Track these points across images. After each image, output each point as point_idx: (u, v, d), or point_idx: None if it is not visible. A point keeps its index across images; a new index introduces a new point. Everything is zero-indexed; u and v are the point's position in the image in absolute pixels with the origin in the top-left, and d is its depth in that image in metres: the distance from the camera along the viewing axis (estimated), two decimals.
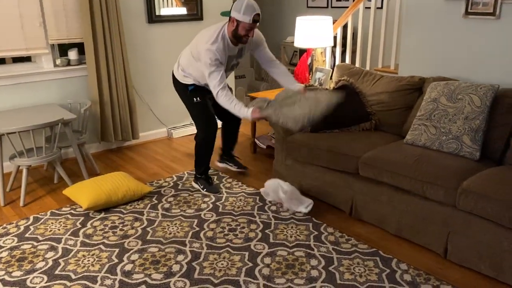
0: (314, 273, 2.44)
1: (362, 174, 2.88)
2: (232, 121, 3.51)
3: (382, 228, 2.87)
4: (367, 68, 4.46)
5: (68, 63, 4.05)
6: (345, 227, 2.91)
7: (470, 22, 3.18)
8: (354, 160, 2.90)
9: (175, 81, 3.35)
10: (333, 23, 4.20)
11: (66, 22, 3.92)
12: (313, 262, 2.53)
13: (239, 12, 2.84)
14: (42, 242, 2.76)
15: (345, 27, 4.65)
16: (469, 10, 3.16)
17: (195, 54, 3.07)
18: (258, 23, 2.91)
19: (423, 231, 2.64)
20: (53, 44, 3.95)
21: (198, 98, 3.22)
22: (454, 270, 2.46)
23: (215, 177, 3.69)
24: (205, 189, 3.40)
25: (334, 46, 4.52)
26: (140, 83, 4.50)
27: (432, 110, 2.87)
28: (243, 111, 2.90)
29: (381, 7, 4.42)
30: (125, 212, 3.13)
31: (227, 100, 2.92)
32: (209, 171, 3.54)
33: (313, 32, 3.92)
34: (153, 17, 4.41)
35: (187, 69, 3.20)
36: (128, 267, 2.51)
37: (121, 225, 2.96)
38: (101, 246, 2.72)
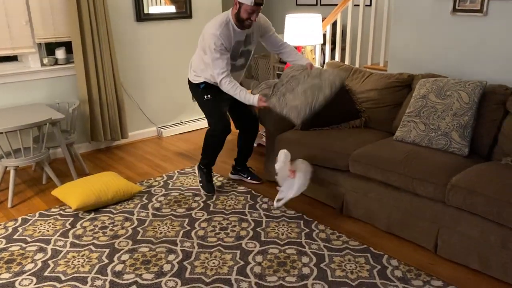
0: (306, 270, 2.44)
1: (352, 171, 2.89)
2: (249, 131, 3.44)
3: (373, 224, 2.88)
4: (357, 65, 4.48)
5: (56, 62, 4.00)
6: (336, 224, 2.92)
7: (458, 19, 3.20)
8: (344, 158, 2.91)
9: (190, 84, 3.33)
10: (322, 20, 4.21)
11: (53, 20, 3.87)
12: (305, 259, 2.54)
13: None
14: (30, 244, 2.73)
15: (334, 25, 4.66)
16: (457, 7, 3.18)
17: (203, 45, 3.03)
18: (261, 6, 2.85)
19: (414, 227, 2.66)
20: (40, 43, 3.90)
21: (209, 96, 3.17)
22: (444, 265, 2.48)
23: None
24: (200, 183, 3.39)
25: (324, 43, 4.52)
26: (129, 82, 4.46)
27: (421, 107, 2.89)
28: (248, 97, 2.93)
29: (370, 5, 4.44)
30: (115, 212, 3.11)
31: (231, 87, 2.93)
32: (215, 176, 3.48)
33: (303, 30, 3.92)
34: (141, 16, 4.37)
35: (198, 68, 3.18)
36: (119, 267, 2.49)
37: (111, 225, 2.93)
38: (91, 246, 2.69)
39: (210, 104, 3.20)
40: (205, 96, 3.19)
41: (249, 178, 3.58)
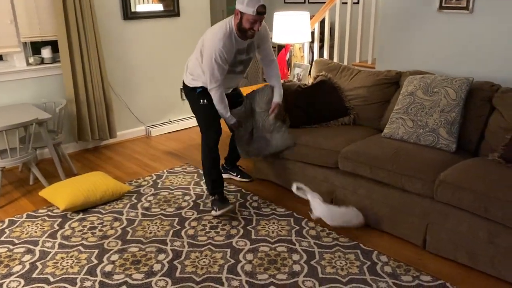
0: (296, 267, 2.44)
1: (341, 168, 2.90)
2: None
3: None
4: (345, 63, 4.49)
5: (42, 62, 3.95)
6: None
7: (445, 16, 3.23)
8: (333, 155, 2.92)
9: (185, 87, 3.18)
10: (311, 18, 4.21)
11: (38, 19, 3.82)
12: (295, 257, 2.54)
13: (242, 4, 2.72)
14: (18, 245, 2.70)
15: (322, 23, 4.67)
16: (443, 5, 3.21)
17: (202, 50, 2.94)
18: (263, 16, 2.77)
19: (402, 223, 2.68)
20: (26, 42, 3.85)
21: (205, 100, 3.04)
22: (433, 260, 2.51)
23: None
24: (217, 209, 2.96)
25: (312, 41, 4.53)
26: (116, 81, 4.42)
27: (409, 104, 2.91)
28: (226, 117, 3.06)
29: (358, 2, 4.45)
30: (104, 212, 3.08)
31: (218, 98, 2.94)
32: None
33: (291, 28, 3.93)
34: (128, 14, 4.33)
35: (195, 72, 3.05)
36: (108, 267, 2.47)
37: (100, 225, 2.91)
38: (80, 247, 2.67)
39: (206, 109, 3.07)
40: (202, 101, 3.06)
41: (239, 176, 3.55)
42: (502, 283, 2.30)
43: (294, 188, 2.89)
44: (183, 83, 3.19)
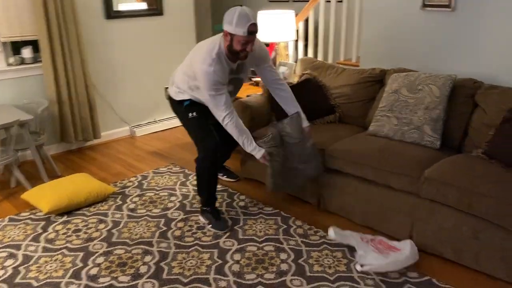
0: (284, 266, 2.44)
1: (328, 167, 2.91)
2: (230, 143, 2.99)
3: (349, 218, 2.91)
4: (330, 61, 4.51)
5: (22, 62, 3.87)
6: (313, 219, 2.93)
7: (428, 14, 3.26)
8: (320, 153, 2.92)
9: (171, 102, 2.98)
10: (295, 16, 4.21)
11: (18, 18, 3.74)
12: (283, 256, 2.54)
13: (231, 24, 2.47)
14: (0, 250, 2.64)
15: (307, 21, 4.67)
16: (426, 3, 3.24)
17: (190, 73, 2.72)
18: (255, 35, 2.55)
19: (389, 220, 2.69)
20: (5, 42, 3.77)
21: (194, 113, 2.83)
22: (419, 256, 2.52)
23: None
24: (210, 225, 2.85)
25: (297, 40, 4.54)
26: (100, 80, 4.36)
27: (393, 101, 2.93)
28: (251, 149, 2.66)
29: (342, 1, 4.47)
30: (88, 214, 3.04)
31: (236, 132, 2.62)
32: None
33: (276, 26, 3.92)
34: (111, 13, 4.28)
35: (182, 86, 2.83)
36: (94, 270, 2.43)
37: (85, 228, 2.87)
38: (64, 250, 2.62)
39: (196, 122, 2.85)
40: (190, 114, 2.84)
41: (225, 176, 3.50)
42: (487, 278, 2.33)
43: (331, 234, 2.55)
44: (169, 96, 2.99)
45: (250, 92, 3.90)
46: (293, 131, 2.79)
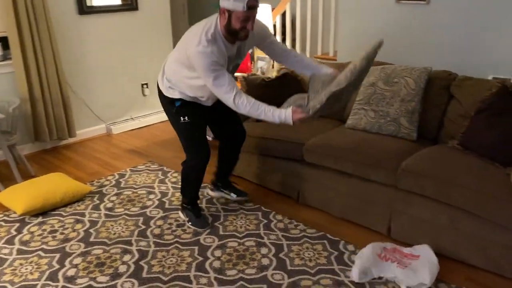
0: (265, 261, 2.44)
1: (307, 160, 2.91)
2: (235, 137, 2.84)
3: (329, 212, 2.92)
4: (307, 55, 4.51)
5: None
6: (293, 213, 2.94)
7: (403, 7, 3.29)
8: (299, 147, 2.92)
9: (160, 94, 2.65)
10: (272, 11, 4.20)
11: None
12: (264, 250, 2.53)
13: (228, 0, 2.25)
14: None
15: (284, 15, 4.66)
16: None
17: (183, 59, 2.41)
18: (256, 10, 2.30)
19: (368, 212, 2.72)
20: None
21: (186, 118, 2.56)
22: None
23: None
24: (190, 223, 2.79)
25: (274, 34, 4.52)
26: (74, 78, 4.26)
27: (370, 95, 2.95)
28: (278, 115, 2.29)
29: None
30: (65, 214, 2.97)
31: (251, 107, 2.30)
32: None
33: None
34: (84, 8, 4.17)
35: (172, 78, 2.53)
36: (71, 272, 2.38)
37: (61, 228, 2.80)
38: (40, 252, 2.56)
39: (188, 128, 2.60)
40: (182, 118, 2.57)
41: (235, 195, 3.05)
42: (464, 266, 2.37)
43: (355, 276, 2.27)
44: (158, 88, 2.66)
45: None
46: (321, 85, 2.37)
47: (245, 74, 3.19)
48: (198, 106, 2.58)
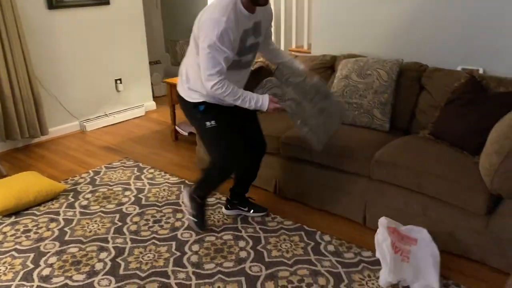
0: (243, 254, 2.45)
1: (283, 153, 2.93)
2: (256, 148, 2.67)
3: (305, 203, 2.95)
4: (282, 48, 4.52)
5: None
6: (270, 206, 2.95)
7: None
8: (275, 141, 2.94)
9: (181, 100, 2.47)
10: None
11: None
12: (241, 243, 2.55)
13: None
14: None
15: None
16: None
17: (198, 39, 2.20)
18: None
19: (343, 203, 2.76)
20: None
21: (212, 122, 2.37)
22: (373, 236, 2.58)
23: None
24: (192, 216, 2.66)
25: None
26: (44, 74, 4.16)
27: (344, 87, 2.99)
28: (256, 100, 2.23)
29: None
30: (38, 214, 2.91)
31: (230, 93, 2.19)
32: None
33: None
34: (53, 2, 4.08)
35: (190, 75, 2.36)
36: (46, 271, 2.34)
37: (35, 228, 2.75)
38: (13, 252, 2.51)
39: (215, 133, 2.41)
40: (208, 123, 2.38)
41: (252, 211, 2.84)
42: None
43: (384, 283, 2.17)
44: (178, 94, 2.48)
45: None
46: (291, 72, 2.49)
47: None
48: (223, 108, 2.40)
